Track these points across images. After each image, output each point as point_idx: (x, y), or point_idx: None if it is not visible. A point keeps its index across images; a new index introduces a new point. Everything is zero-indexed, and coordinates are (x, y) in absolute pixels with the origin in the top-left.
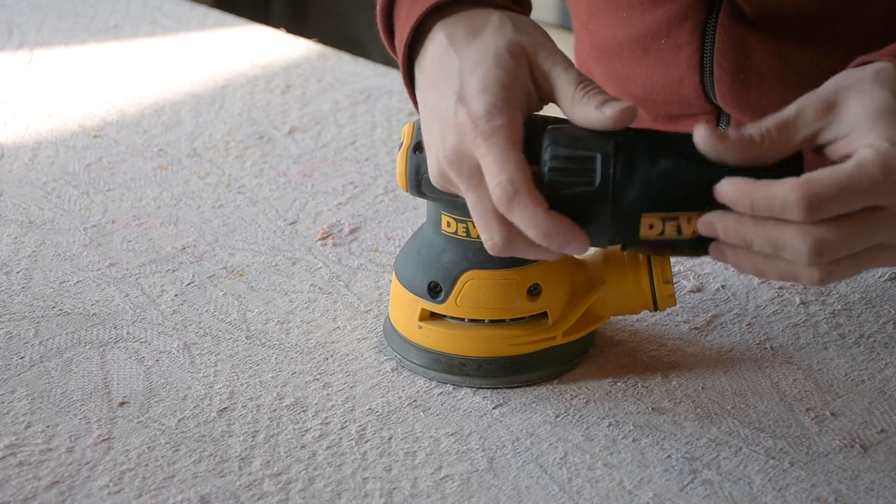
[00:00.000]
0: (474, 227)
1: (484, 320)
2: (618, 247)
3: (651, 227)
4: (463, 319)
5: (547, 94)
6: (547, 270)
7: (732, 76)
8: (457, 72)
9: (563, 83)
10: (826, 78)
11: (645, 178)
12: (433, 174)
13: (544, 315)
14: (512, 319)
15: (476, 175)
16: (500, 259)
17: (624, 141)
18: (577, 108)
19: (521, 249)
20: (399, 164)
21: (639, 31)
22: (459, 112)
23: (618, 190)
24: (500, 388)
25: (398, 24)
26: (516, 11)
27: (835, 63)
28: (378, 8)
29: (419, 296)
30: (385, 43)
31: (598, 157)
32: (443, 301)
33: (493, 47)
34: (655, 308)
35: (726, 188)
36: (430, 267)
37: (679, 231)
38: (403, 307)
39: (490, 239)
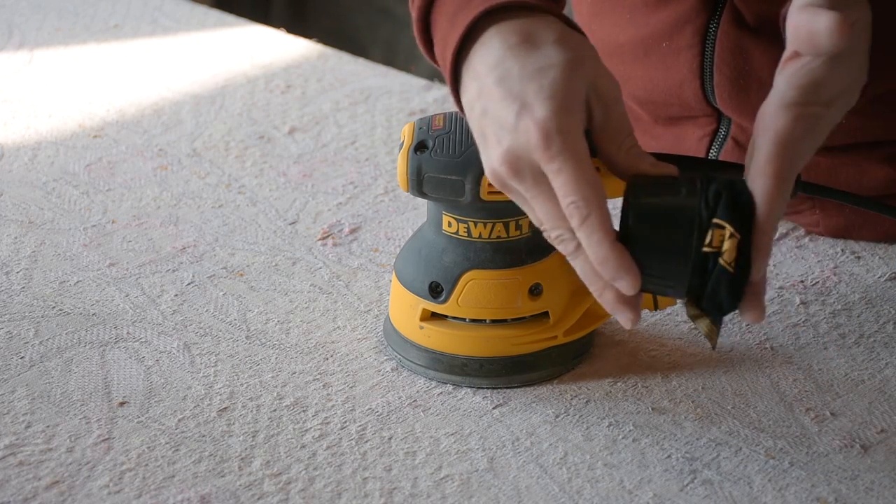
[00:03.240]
0: (475, 226)
1: (485, 320)
2: None
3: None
4: (464, 319)
5: (591, 120)
6: (548, 270)
7: (732, 81)
8: (516, 75)
9: (617, 121)
10: None
11: (724, 186)
12: (490, 178)
13: (545, 315)
14: (513, 319)
15: (540, 180)
16: (501, 259)
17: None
18: (623, 155)
19: (580, 264)
20: (400, 164)
21: (641, 33)
22: (523, 119)
23: (706, 196)
24: (500, 388)
25: (439, 30)
26: (563, 19)
27: None
28: (415, 14)
29: (420, 296)
30: (422, 49)
31: (685, 178)
32: (444, 301)
33: (559, 57)
34: (655, 307)
35: None
36: (431, 267)
37: (721, 249)
38: (404, 307)
39: (560, 241)
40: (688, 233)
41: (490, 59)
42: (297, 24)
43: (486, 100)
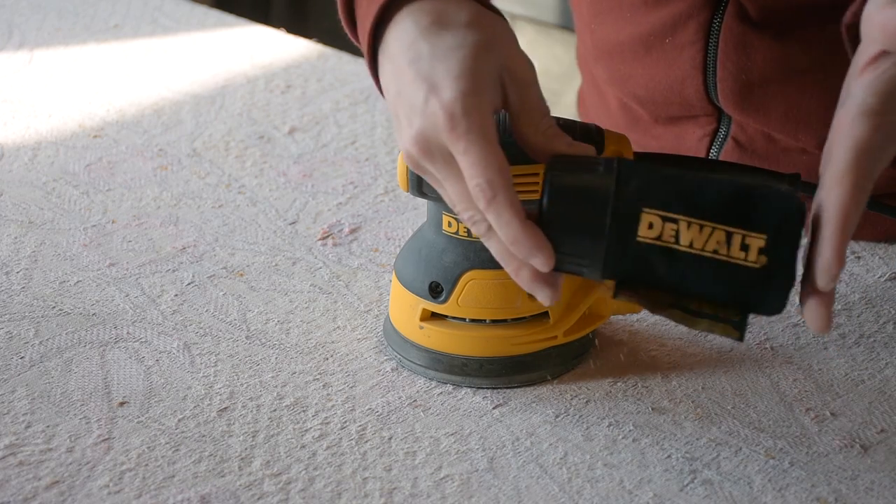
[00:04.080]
0: None
1: (485, 320)
2: None
3: (651, 226)
4: (464, 319)
5: (506, 103)
6: None
7: (735, 77)
8: (427, 57)
9: (532, 102)
10: (829, 80)
11: (648, 172)
12: (404, 158)
13: (545, 315)
14: (513, 319)
15: (449, 161)
16: None
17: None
18: (540, 136)
19: (494, 245)
20: (400, 164)
21: (643, 30)
22: (431, 100)
23: (622, 177)
24: (500, 388)
25: (360, 10)
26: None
27: (838, 65)
28: None
29: (420, 296)
30: (347, 31)
31: (603, 158)
32: (444, 301)
33: (470, 38)
34: None
35: None
36: (431, 267)
37: (677, 238)
38: (404, 307)
39: (472, 223)
40: (601, 211)
41: (403, 40)
42: (297, 24)
43: (399, 81)
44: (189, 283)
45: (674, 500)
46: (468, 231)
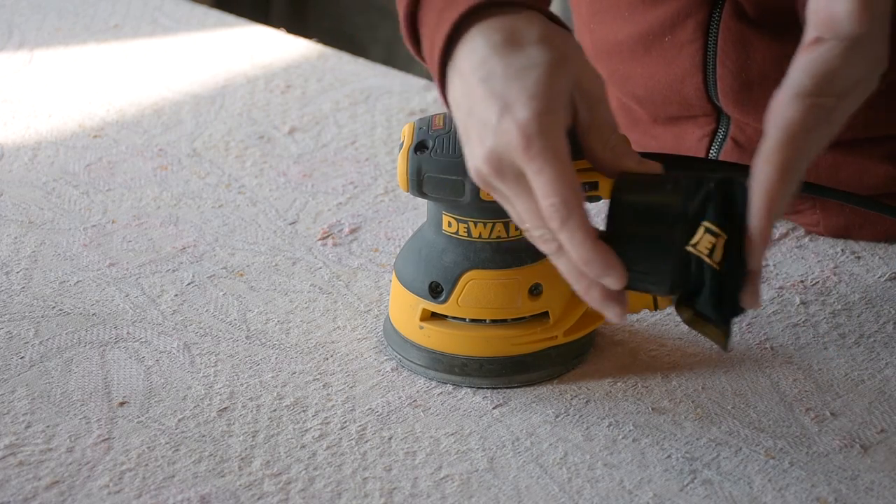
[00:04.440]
0: (475, 226)
1: (485, 320)
2: None
3: (700, 238)
4: (464, 319)
5: (576, 119)
6: (548, 270)
7: (735, 74)
8: (500, 76)
9: (602, 119)
10: None
11: (709, 187)
12: (473, 177)
13: (545, 315)
14: (513, 319)
15: (521, 181)
16: (501, 259)
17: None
18: (609, 153)
19: (564, 264)
20: (400, 164)
21: (642, 29)
22: (505, 119)
23: (689, 193)
24: (500, 388)
25: (426, 28)
26: (548, 15)
27: None
28: (402, 12)
29: (420, 296)
30: (409, 47)
31: (670, 176)
32: (444, 301)
33: (543, 57)
34: (655, 307)
35: None
36: (431, 267)
37: (711, 253)
38: (404, 307)
39: (543, 241)
40: (671, 229)
41: (475, 58)
42: (297, 24)
43: (471, 99)
44: (189, 283)
45: (674, 500)
46: (468, 231)
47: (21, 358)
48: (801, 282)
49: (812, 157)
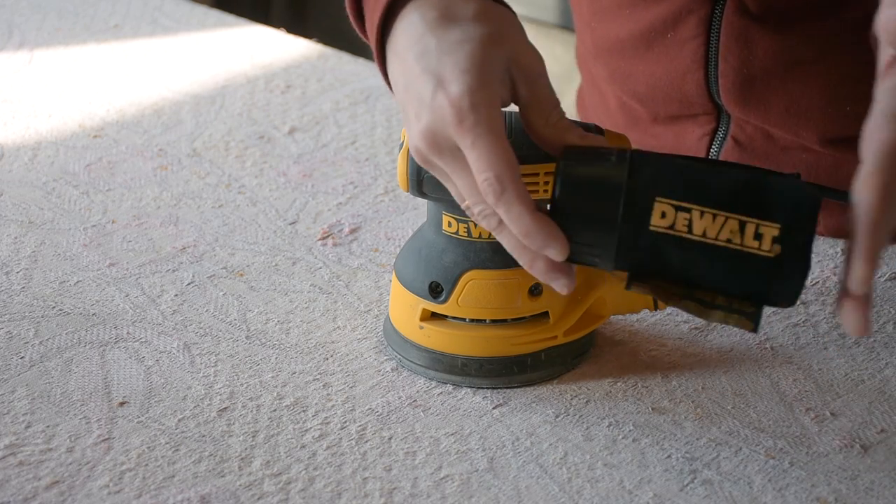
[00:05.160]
0: (476, 226)
1: (485, 320)
2: None
3: (663, 215)
4: (464, 319)
5: (516, 96)
6: None
7: (736, 70)
8: (434, 51)
9: (542, 95)
10: (830, 73)
11: (661, 161)
12: (413, 154)
13: (545, 315)
14: (513, 319)
15: (458, 156)
16: (501, 259)
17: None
18: (551, 129)
19: (506, 238)
20: (400, 164)
21: (643, 26)
22: (438, 95)
23: (634, 167)
24: (500, 388)
25: (367, 7)
26: None
27: (839, 59)
28: None
29: (420, 296)
30: (355, 26)
31: (616, 148)
32: (444, 301)
33: (477, 32)
34: (655, 307)
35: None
36: (431, 267)
37: (689, 228)
38: (404, 307)
39: (483, 217)
40: (613, 201)
41: (410, 35)
42: (297, 24)
43: (407, 76)
44: (189, 283)
45: (674, 500)
46: (468, 231)
47: (21, 358)
48: None
49: None
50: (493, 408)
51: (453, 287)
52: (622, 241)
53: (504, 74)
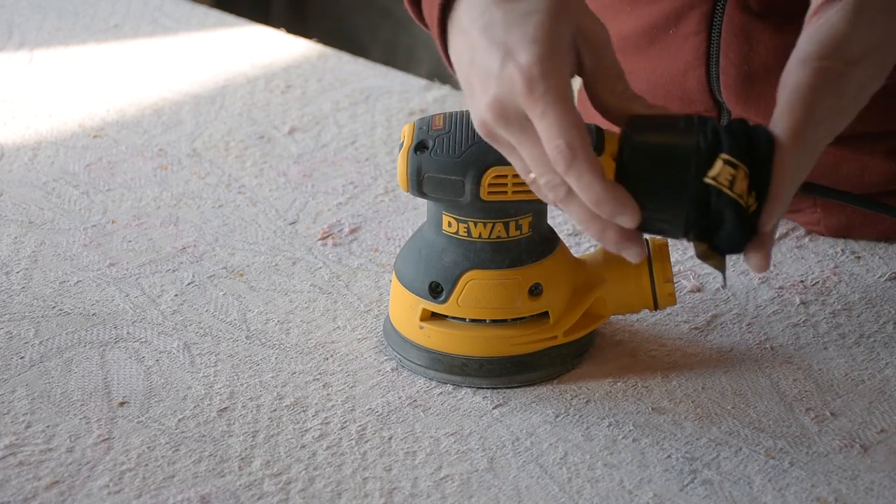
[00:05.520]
0: (475, 226)
1: (485, 320)
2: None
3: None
4: (464, 319)
5: (581, 66)
6: (548, 270)
7: (737, 67)
8: (500, 23)
9: (607, 65)
10: None
11: (728, 126)
12: (478, 129)
13: (545, 315)
14: (513, 319)
15: (526, 126)
16: (501, 259)
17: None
18: (616, 99)
19: (575, 209)
20: (400, 164)
21: (645, 22)
22: (507, 65)
23: (703, 132)
24: (500, 387)
25: None
26: None
27: None
28: None
29: (420, 296)
30: (410, 12)
31: (682, 115)
32: (444, 301)
33: (544, 3)
34: (656, 307)
35: None
36: (431, 267)
37: (731, 185)
38: (404, 307)
39: (550, 188)
40: (684, 167)
41: (474, 9)
42: (297, 24)
43: (473, 50)
44: (189, 283)
45: (674, 500)
46: (468, 231)
47: (21, 358)
48: (801, 282)
49: (827, 128)
50: (493, 408)
51: (453, 287)
52: (692, 204)
53: (571, 45)
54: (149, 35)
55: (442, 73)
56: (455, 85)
